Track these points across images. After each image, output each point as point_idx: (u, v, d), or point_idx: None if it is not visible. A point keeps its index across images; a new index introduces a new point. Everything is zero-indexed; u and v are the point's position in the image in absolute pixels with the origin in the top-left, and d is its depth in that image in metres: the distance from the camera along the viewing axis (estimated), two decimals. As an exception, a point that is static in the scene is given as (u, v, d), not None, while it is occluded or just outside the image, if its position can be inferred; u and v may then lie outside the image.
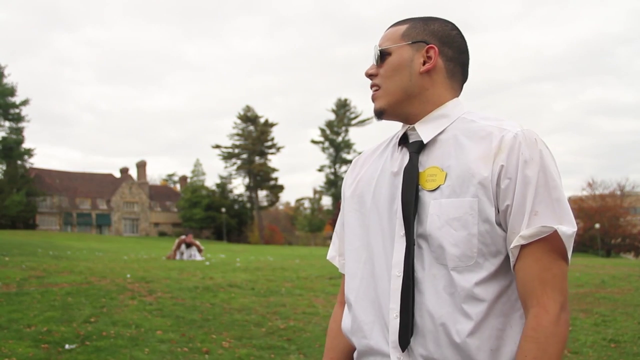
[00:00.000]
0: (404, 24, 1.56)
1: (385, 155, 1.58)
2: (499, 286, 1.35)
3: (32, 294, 8.47)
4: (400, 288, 1.40)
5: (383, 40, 1.56)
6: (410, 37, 1.52)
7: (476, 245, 1.34)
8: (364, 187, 1.58)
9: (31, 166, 67.75)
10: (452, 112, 1.50)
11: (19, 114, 62.92)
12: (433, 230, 1.38)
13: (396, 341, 1.39)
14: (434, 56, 1.50)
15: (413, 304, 1.38)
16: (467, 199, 1.35)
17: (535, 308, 1.29)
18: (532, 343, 1.27)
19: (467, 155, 1.39)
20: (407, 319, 1.37)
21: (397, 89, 1.50)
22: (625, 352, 6.36)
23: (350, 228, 1.59)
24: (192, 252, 18.58)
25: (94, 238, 49.70)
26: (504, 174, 1.33)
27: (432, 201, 1.40)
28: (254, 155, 79.05)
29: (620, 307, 9.28)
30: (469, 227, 1.35)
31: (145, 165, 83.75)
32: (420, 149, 1.48)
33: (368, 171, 1.60)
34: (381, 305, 1.44)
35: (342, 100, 78.98)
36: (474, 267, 1.35)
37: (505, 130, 1.38)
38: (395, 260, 1.43)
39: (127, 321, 7.06)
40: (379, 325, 1.44)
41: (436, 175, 1.42)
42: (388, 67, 1.52)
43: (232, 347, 6.30)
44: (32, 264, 12.22)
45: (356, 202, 1.59)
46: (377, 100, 1.53)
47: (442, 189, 1.40)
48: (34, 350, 5.64)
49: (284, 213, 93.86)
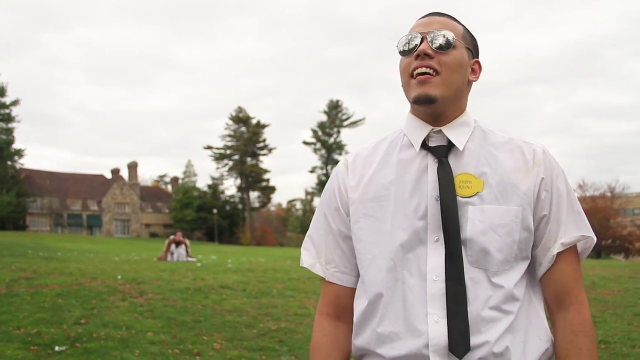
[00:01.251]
0: (458, 23, 1.54)
1: (395, 159, 1.53)
2: (525, 286, 1.46)
3: (22, 295, 8.42)
4: (444, 293, 1.40)
5: (444, 27, 1.49)
6: (467, 42, 1.52)
7: (516, 251, 1.43)
8: (378, 192, 1.52)
9: (22, 167, 67.48)
10: (470, 121, 1.54)
11: (9, 115, 62.57)
12: (476, 236, 1.41)
13: (440, 346, 1.37)
14: (478, 71, 1.56)
15: (466, 308, 1.38)
16: (513, 207, 1.42)
17: (576, 305, 1.47)
18: (584, 336, 1.44)
19: (504, 166, 1.46)
20: (464, 324, 1.37)
21: (454, 85, 1.48)
22: (615, 353, 6.39)
23: (366, 235, 1.52)
24: (181, 251, 18.51)
25: (85, 239, 49.48)
26: (543, 186, 1.45)
27: (471, 207, 1.42)
28: (246, 156, 78.94)
29: (611, 309, 9.32)
30: (513, 235, 1.42)
31: (136, 167, 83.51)
32: (448, 154, 1.48)
33: (379, 175, 1.54)
34: (414, 312, 1.41)
35: (334, 101, 79.01)
36: (510, 270, 1.42)
37: (533, 145, 1.50)
38: (432, 265, 1.42)
39: (118, 323, 7.03)
40: (411, 333, 1.41)
41: (471, 182, 1.45)
42: (453, 59, 1.47)
43: (224, 348, 6.29)
44: (22, 266, 12.14)
45: (369, 207, 1.52)
46: (433, 86, 1.45)
47: (482, 196, 1.43)
48: (24, 353, 5.61)
49: (276, 214, 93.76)
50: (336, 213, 1.59)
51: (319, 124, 79.00)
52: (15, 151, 64.00)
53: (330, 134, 79.01)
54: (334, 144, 78.44)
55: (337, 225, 1.60)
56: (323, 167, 78.75)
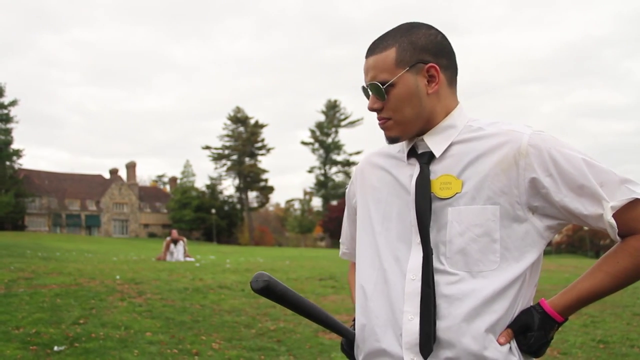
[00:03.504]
0: (390, 48, 1.50)
1: (391, 166, 1.61)
2: (518, 286, 1.45)
3: (21, 295, 8.41)
4: (419, 292, 1.44)
5: (375, 71, 1.50)
6: (405, 62, 1.49)
7: (499, 250, 1.42)
8: (372, 197, 1.63)
9: (20, 167, 67.35)
10: (457, 122, 1.54)
11: (7, 115, 62.53)
12: (453, 237, 1.44)
13: (411, 343, 1.44)
14: (436, 74, 1.51)
15: (435, 310, 1.42)
16: (489, 206, 1.43)
17: (637, 235, 1.42)
18: (629, 257, 1.42)
19: (485, 163, 1.46)
20: (429, 326, 1.41)
21: (410, 117, 1.51)
22: (614, 352, 6.40)
23: (361, 236, 1.64)
24: (179, 248, 18.47)
25: (83, 239, 49.43)
26: (541, 174, 1.42)
27: (450, 208, 1.45)
28: (244, 156, 78.99)
29: (609, 308, 9.33)
30: (491, 234, 1.42)
31: (134, 166, 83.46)
32: (430, 159, 1.52)
33: (375, 182, 1.64)
34: (394, 309, 1.48)
35: (332, 101, 79.18)
36: (497, 270, 1.43)
37: (520, 134, 1.46)
38: (411, 265, 1.47)
39: (117, 323, 7.02)
40: (391, 328, 1.48)
41: (451, 183, 1.47)
42: (395, 100, 1.49)
43: (222, 348, 6.29)
44: (20, 265, 12.12)
45: (365, 211, 1.64)
46: (390, 131, 1.53)
47: (460, 196, 1.45)
48: (22, 353, 5.61)
49: (274, 214, 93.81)
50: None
51: (316, 123, 79.19)
52: (14, 151, 63.94)
53: (328, 133, 79.17)
54: (332, 144, 78.57)
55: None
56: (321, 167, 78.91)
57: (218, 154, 79.70)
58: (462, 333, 1.41)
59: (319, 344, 6.56)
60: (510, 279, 1.42)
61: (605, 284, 1.45)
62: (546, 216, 1.45)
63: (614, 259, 1.45)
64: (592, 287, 1.46)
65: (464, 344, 1.40)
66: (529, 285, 1.49)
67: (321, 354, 6.19)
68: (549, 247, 55.07)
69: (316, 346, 6.50)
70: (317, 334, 7.00)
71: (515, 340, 1.45)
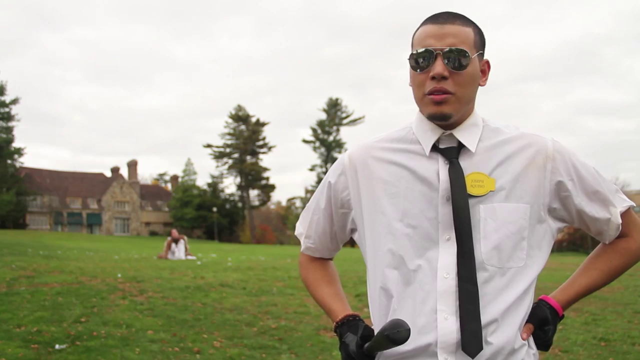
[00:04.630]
0: (469, 26, 1.49)
1: (406, 160, 1.54)
2: (534, 287, 1.52)
3: (22, 293, 8.42)
4: (455, 290, 1.43)
5: (456, 40, 1.45)
6: (478, 47, 1.50)
7: (526, 248, 1.46)
8: (386, 192, 1.54)
9: (21, 165, 67.31)
10: (478, 121, 1.55)
11: (8, 113, 62.48)
12: (489, 233, 1.44)
13: (448, 342, 1.41)
14: (487, 72, 1.56)
15: (479, 307, 1.42)
16: (521, 204, 1.45)
17: (628, 238, 1.60)
18: (621, 257, 1.60)
19: (515, 163, 1.48)
20: (476, 324, 1.40)
21: (469, 98, 1.50)
22: (615, 350, 6.40)
23: (374, 235, 1.56)
24: (180, 246, 18.48)
25: (85, 238, 49.44)
26: (565, 176, 1.50)
27: (482, 206, 1.45)
28: (245, 154, 78.93)
29: (610, 306, 9.32)
30: (522, 232, 1.45)
31: (136, 165, 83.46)
32: (458, 155, 1.50)
33: (386, 176, 1.56)
34: (424, 309, 1.45)
35: (333, 99, 79.03)
36: (524, 268, 1.47)
37: (543, 138, 1.52)
38: (443, 263, 1.45)
39: (118, 321, 7.03)
40: (419, 329, 1.44)
41: (483, 181, 1.47)
42: (468, 77, 1.47)
43: (224, 346, 6.29)
44: (22, 264, 12.13)
45: (376, 207, 1.55)
46: (448, 105, 1.46)
47: (493, 194, 1.46)
48: (24, 351, 5.61)
49: (276, 212, 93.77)
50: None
51: (318, 122, 78.99)
52: (15, 149, 63.92)
53: (330, 132, 78.99)
54: (333, 142, 78.41)
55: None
56: (322, 165, 78.70)
57: (219, 152, 79.65)
58: (501, 330, 1.43)
59: (320, 342, 6.56)
60: (534, 276, 1.49)
61: (600, 280, 1.62)
62: (558, 218, 1.54)
63: (607, 258, 1.61)
64: (589, 284, 1.62)
65: (502, 341, 1.42)
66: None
67: (322, 352, 6.19)
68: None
69: (317, 344, 6.50)
70: (318, 332, 7.01)
71: (532, 335, 1.52)
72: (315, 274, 1.79)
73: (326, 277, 1.78)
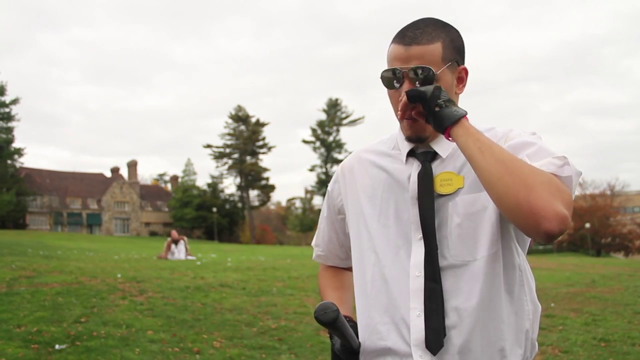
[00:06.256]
0: (436, 41, 1.47)
1: (386, 164, 1.60)
2: (516, 264, 1.48)
3: (22, 293, 8.42)
4: (423, 288, 1.45)
5: (421, 61, 1.44)
6: (447, 58, 1.48)
7: (495, 234, 1.44)
8: (365, 194, 1.61)
9: (21, 166, 67.28)
10: None
11: (8, 113, 62.41)
12: (454, 229, 1.45)
13: (420, 340, 1.44)
14: (464, 79, 1.55)
15: (443, 305, 1.43)
16: (483, 193, 1.42)
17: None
18: (540, 172, 1.29)
19: None
20: (437, 322, 1.42)
21: None
22: (615, 351, 6.40)
23: (356, 236, 1.63)
24: (180, 247, 18.48)
25: (85, 238, 49.41)
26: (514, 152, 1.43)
27: (450, 203, 1.47)
28: (245, 154, 78.89)
29: (611, 307, 9.33)
30: (490, 218, 1.44)
31: (136, 165, 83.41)
32: (433, 159, 1.53)
33: (367, 179, 1.62)
34: (398, 306, 1.48)
35: (333, 100, 78.98)
36: (496, 255, 1.44)
37: (507, 129, 1.51)
38: (414, 262, 1.48)
39: (118, 321, 7.03)
40: (395, 326, 1.48)
41: (452, 179, 1.49)
42: None
43: (223, 347, 6.29)
44: (22, 264, 12.13)
45: (357, 208, 1.63)
46: (422, 131, 1.49)
47: (461, 191, 1.47)
48: (24, 351, 5.61)
49: (276, 213, 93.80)
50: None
51: (318, 122, 78.93)
52: (15, 150, 63.88)
53: (330, 132, 78.94)
54: (333, 142, 78.37)
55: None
56: (322, 165, 78.68)
57: (219, 152, 79.62)
58: (472, 325, 1.43)
59: (320, 343, 6.56)
60: (514, 259, 1.48)
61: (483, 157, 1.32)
62: None
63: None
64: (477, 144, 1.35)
65: (473, 336, 1.43)
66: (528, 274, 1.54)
67: (322, 352, 6.19)
68: (551, 246, 54.96)
69: (317, 345, 6.50)
70: (318, 333, 7.00)
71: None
72: (325, 280, 1.85)
73: (335, 283, 1.83)
